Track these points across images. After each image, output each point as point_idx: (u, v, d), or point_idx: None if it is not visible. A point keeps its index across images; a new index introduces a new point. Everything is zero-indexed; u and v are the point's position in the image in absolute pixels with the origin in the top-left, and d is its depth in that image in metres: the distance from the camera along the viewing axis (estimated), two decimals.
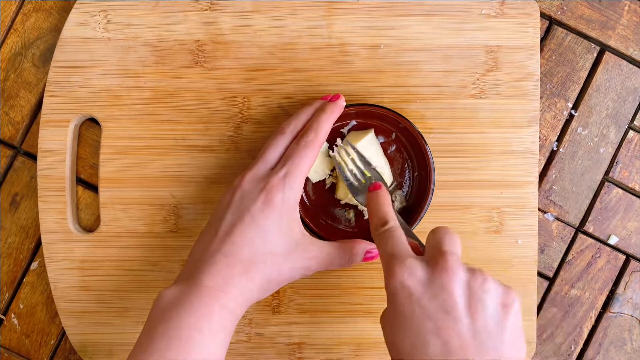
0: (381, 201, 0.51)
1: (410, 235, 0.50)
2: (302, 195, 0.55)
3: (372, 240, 0.54)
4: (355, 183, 0.55)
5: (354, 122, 0.58)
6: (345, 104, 0.55)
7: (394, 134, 0.58)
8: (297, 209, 0.52)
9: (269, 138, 0.54)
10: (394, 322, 0.44)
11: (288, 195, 0.50)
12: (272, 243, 0.50)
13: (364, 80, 0.59)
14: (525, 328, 0.56)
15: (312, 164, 0.52)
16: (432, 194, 0.55)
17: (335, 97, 0.55)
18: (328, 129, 0.53)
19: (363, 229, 0.58)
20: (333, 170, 0.57)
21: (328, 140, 0.56)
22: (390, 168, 0.57)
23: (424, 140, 0.55)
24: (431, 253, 0.46)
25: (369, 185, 0.53)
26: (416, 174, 0.58)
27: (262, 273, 0.49)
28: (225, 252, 0.49)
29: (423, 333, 0.42)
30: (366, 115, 0.57)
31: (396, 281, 0.44)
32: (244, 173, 0.52)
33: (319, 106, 0.55)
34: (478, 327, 0.42)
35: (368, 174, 0.55)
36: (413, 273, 0.44)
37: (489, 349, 0.41)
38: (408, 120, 0.55)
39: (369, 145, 0.56)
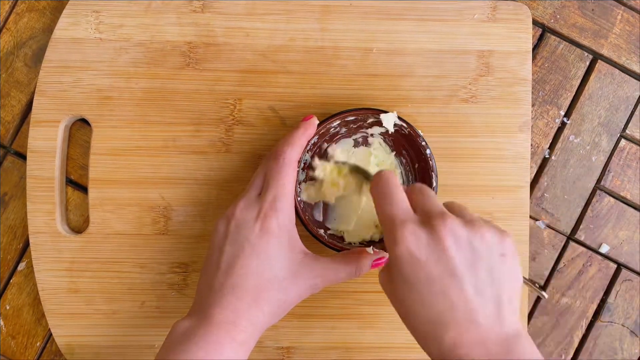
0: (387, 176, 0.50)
1: None
2: (299, 206, 0.54)
3: (373, 244, 0.55)
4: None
5: (344, 130, 0.57)
6: (317, 122, 0.54)
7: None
8: (295, 228, 0.51)
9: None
10: (399, 284, 0.45)
11: (282, 219, 0.50)
12: (276, 269, 0.49)
13: (356, 83, 0.59)
14: None
15: (294, 179, 0.52)
16: (437, 178, 0.55)
17: (307, 118, 0.54)
18: (302, 143, 0.53)
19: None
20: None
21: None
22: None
23: (418, 132, 0.55)
24: (425, 215, 0.45)
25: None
26: (416, 165, 0.57)
27: (270, 300, 0.49)
28: (231, 285, 0.48)
29: (430, 295, 0.43)
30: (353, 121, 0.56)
31: (402, 247, 0.44)
32: (236, 201, 0.52)
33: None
34: (480, 281, 0.43)
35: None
36: (418, 239, 0.44)
37: (489, 298, 0.43)
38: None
39: (373, 151, 0.57)
